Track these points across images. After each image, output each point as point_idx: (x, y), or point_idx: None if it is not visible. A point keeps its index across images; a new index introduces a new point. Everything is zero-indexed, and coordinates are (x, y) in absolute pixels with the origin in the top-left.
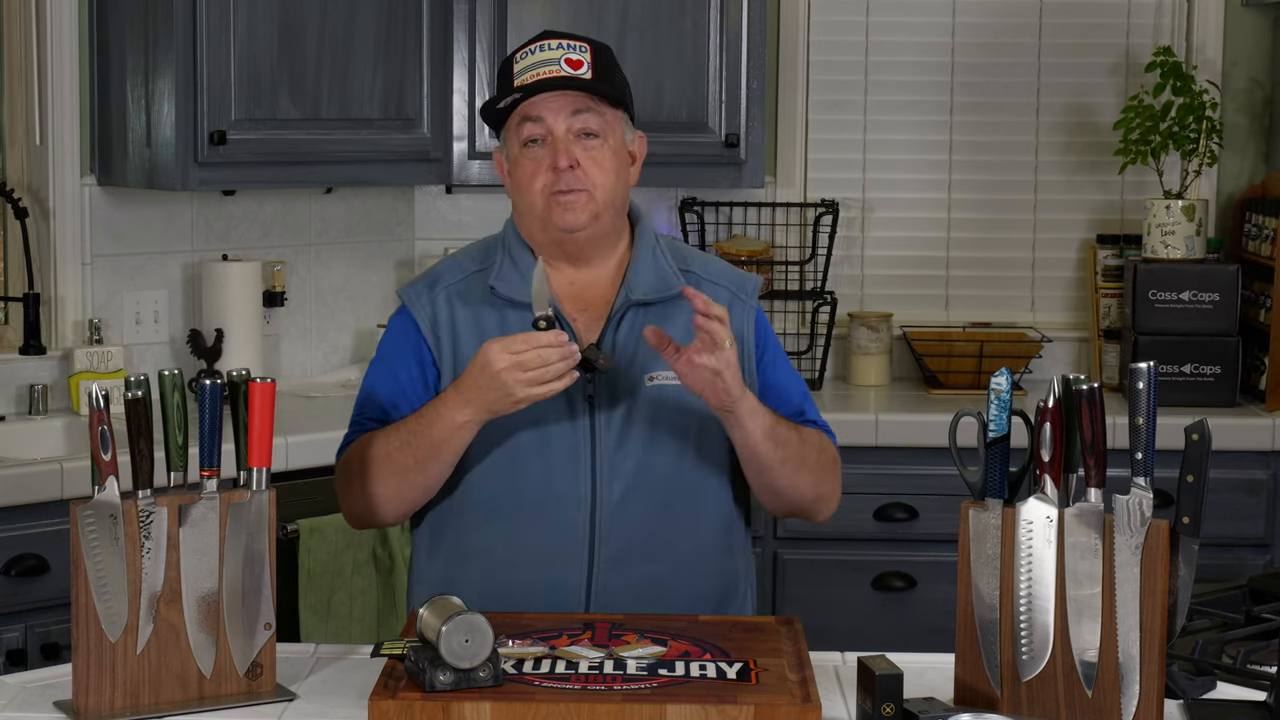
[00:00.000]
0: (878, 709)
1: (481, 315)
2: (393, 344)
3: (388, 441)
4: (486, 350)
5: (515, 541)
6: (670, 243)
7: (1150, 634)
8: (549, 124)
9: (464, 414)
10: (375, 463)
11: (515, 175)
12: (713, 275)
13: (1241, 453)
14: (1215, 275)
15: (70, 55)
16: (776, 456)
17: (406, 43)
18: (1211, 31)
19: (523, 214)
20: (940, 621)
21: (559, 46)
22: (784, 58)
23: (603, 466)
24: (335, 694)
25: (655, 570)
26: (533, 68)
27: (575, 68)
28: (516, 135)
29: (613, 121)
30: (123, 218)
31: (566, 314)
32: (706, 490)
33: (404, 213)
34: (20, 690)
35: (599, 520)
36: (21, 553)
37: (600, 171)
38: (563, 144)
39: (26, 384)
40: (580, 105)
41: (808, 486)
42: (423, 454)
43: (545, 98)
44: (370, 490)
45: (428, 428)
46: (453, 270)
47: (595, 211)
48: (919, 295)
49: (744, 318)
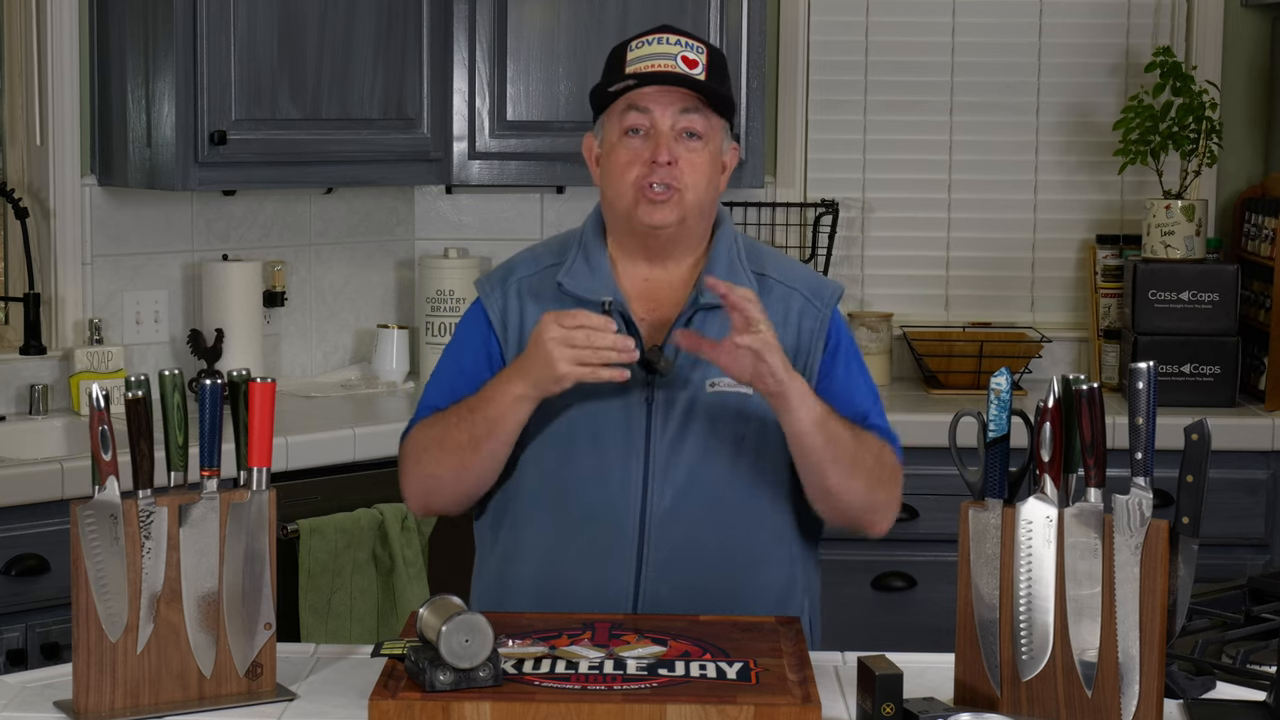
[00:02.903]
0: (878, 709)
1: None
2: (463, 335)
3: (446, 420)
4: (542, 319)
5: (566, 540)
6: (750, 245)
7: (1150, 634)
8: (655, 116)
9: (517, 386)
10: (433, 443)
11: (608, 162)
12: (788, 280)
13: (1241, 453)
14: (1215, 275)
15: (70, 55)
16: (828, 452)
17: (406, 43)
18: (1211, 31)
19: (610, 202)
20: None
21: (677, 43)
22: (784, 58)
23: (655, 470)
24: (335, 694)
25: (705, 578)
26: (648, 58)
27: (691, 67)
28: (619, 122)
29: (716, 127)
30: (123, 218)
31: (635, 314)
32: (761, 500)
33: (404, 213)
34: (20, 690)
35: (649, 524)
36: (21, 553)
37: (695, 174)
38: (665, 139)
39: (26, 384)
40: (689, 105)
41: (860, 491)
42: (478, 431)
43: (656, 90)
44: (428, 471)
45: (484, 403)
46: (528, 263)
47: (683, 214)
48: (919, 295)
49: (816, 323)
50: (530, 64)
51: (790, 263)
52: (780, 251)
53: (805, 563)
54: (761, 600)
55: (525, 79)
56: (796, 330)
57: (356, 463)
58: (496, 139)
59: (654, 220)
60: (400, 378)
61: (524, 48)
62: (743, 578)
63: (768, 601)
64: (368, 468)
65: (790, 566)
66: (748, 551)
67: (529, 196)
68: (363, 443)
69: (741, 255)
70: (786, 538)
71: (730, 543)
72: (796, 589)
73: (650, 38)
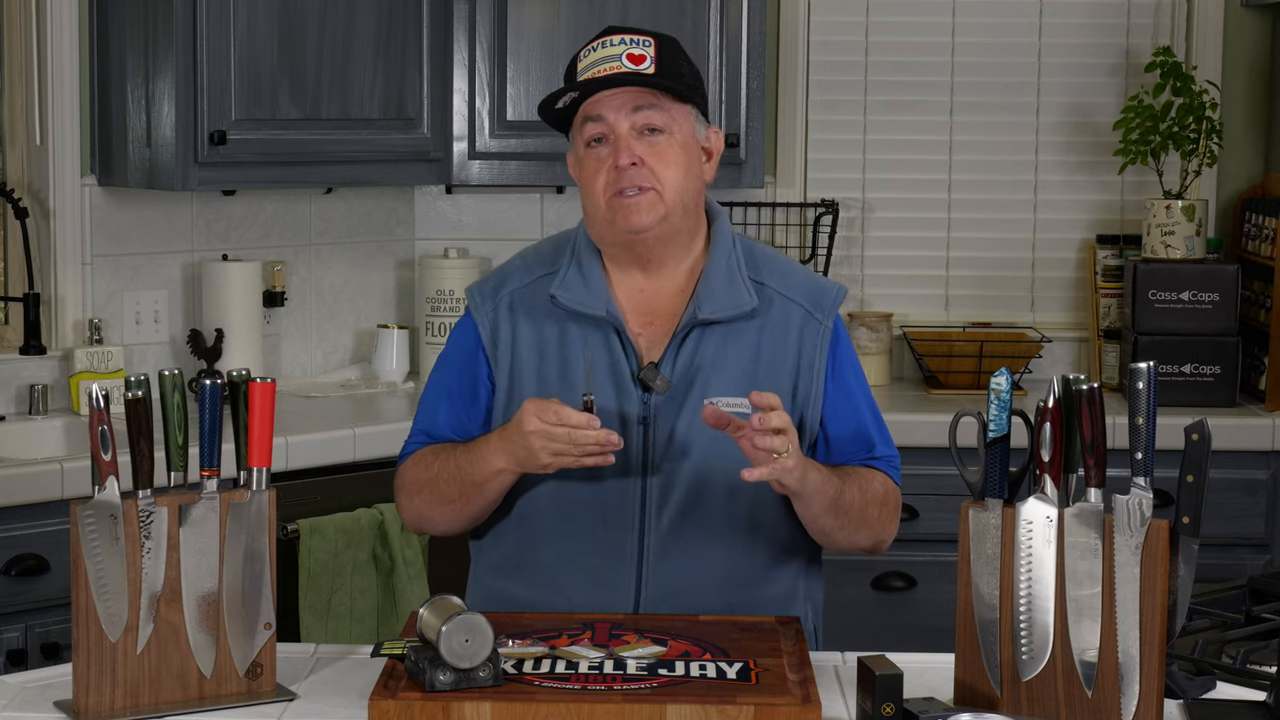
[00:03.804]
0: (878, 709)
1: (543, 328)
2: (453, 352)
3: (435, 471)
4: (524, 408)
5: (564, 561)
6: (748, 248)
7: (1150, 634)
8: (610, 122)
9: (499, 461)
10: (425, 487)
11: (580, 177)
12: (788, 290)
13: (1241, 453)
14: (1215, 275)
15: (70, 55)
16: (837, 524)
17: (406, 43)
18: (1211, 31)
19: (590, 216)
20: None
21: (621, 42)
22: (784, 58)
23: (653, 490)
24: (335, 694)
25: (705, 596)
26: (594, 65)
27: (637, 63)
28: (580, 135)
29: (679, 116)
30: (123, 218)
31: (631, 329)
32: (761, 518)
33: (404, 213)
34: (20, 690)
35: (647, 545)
36: (21, 553)
37: (667, 167)
38: (624, 141)
39: (26, 384)
40: (642, 101)
41: (865, 539)
42: (466, 489)
43: (605, 95)
44: (421, 511)
45: (469, 465)
46: (520, 273)
47: (663, 212)
48: (919, 295)
49: (817, 338)
50: (530, 64)
51: (790, 267)
52: (780, 253)
53: (808, 574)
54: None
55: (525, 79)
56: (798, 347)
57: (356, 463)
58: (496, 139)
59: (632, 224)
60: (400, 378)
61: (524, 48)
62: (745, 595)
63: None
64: (368, 468)
65: (793, 581)
66: (749, 570)
67: (529, 196)
68: (363, 443)
69: (740, 264)
70: (789, 554)
71: (731, 562)
72: (798, 599)
73: (595, 43)
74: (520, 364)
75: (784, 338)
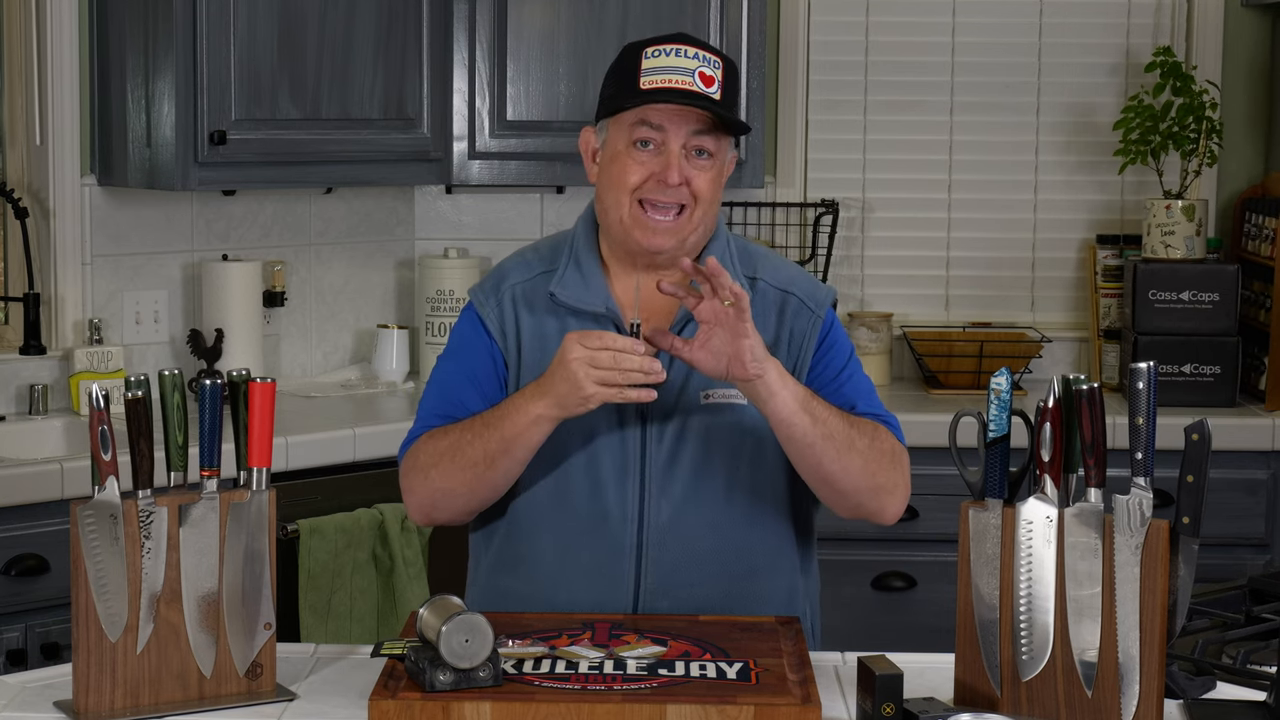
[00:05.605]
0: (878, 709)
1: (544, 323)
2: (464, 341)
3: (460, 435)
4: (565, 340)
5: (563, 556)
6: (743, 247)
7: (1150, 634)
8: (668, 135)
9: (538, 406)
10: (444, 457)
11: (610, 169)
12: (781, 283)
13: (1241, 453)
14: (1215, 275)
15: (70, 55)
16: (816, 432)
17: (406, 43)
18: (1211, 31)
19: (606, 209)
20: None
21: (695, 56)
22: (784, 58)
23: (651, 485)
24: (335, 694)
25: (704, 592)
26: (664, 72)
27: (708, 84)
28: (628, 132)
29: (725, 144)
30: (123, 218)
31: (629, 324)
32: (760, 512)
33: (404, 213)
34: (20, 690)
35: (646, 540)
36: (21, 553)
37: (704, 190)
38: (675, 159)
39: (26, 384)
40: (703, 126)
41: (858, 471)
42: (493, 448)
43: (671, 109)
44: (438, 485)
45: (501, 420)
46: (519, 270)
47: (685, 235)
48: (919, 295)
49: (809, 324)
50: (530, 64)
51: (783, 264)
52: (774, 252)
53: (805, 570)
54: (762, 611)
55: (525, 79)
56: (790, 329)
57: (356, 463)
58: (496, 139)
59: (654, 245)
60: (400, 378)
61: (524, 48)
62: (742, 589)
63: (768, 611)
64: (368, 468)
65: (791, 576)
66: (748, 564)
67: (529, 196)
68: (363, 443)
69: (734, 259)
70: (786, 548)
71: (729, 556)
72: (798, 596)
73: (667, 47)
74: (525, 356)
75: (777, 324)
